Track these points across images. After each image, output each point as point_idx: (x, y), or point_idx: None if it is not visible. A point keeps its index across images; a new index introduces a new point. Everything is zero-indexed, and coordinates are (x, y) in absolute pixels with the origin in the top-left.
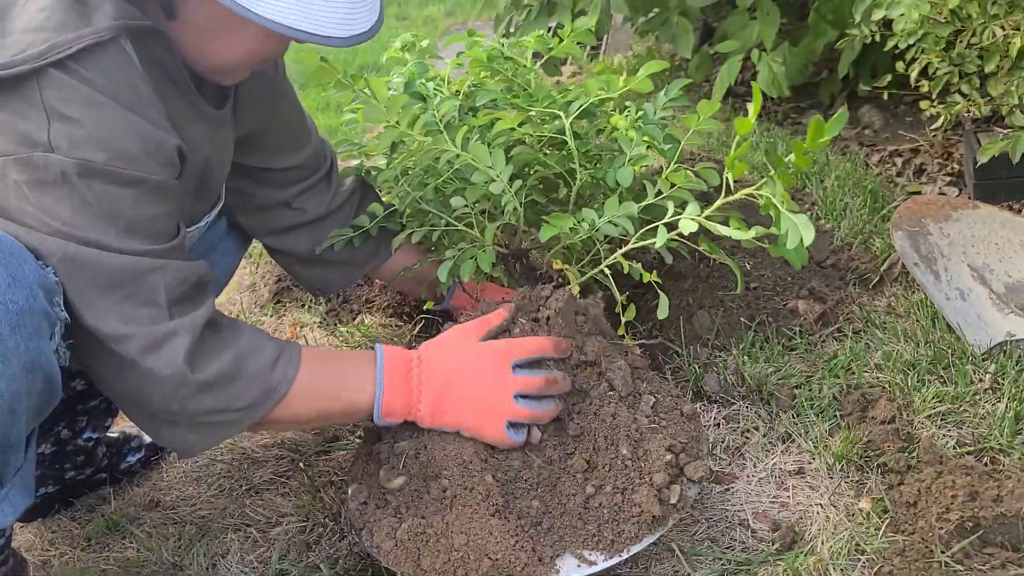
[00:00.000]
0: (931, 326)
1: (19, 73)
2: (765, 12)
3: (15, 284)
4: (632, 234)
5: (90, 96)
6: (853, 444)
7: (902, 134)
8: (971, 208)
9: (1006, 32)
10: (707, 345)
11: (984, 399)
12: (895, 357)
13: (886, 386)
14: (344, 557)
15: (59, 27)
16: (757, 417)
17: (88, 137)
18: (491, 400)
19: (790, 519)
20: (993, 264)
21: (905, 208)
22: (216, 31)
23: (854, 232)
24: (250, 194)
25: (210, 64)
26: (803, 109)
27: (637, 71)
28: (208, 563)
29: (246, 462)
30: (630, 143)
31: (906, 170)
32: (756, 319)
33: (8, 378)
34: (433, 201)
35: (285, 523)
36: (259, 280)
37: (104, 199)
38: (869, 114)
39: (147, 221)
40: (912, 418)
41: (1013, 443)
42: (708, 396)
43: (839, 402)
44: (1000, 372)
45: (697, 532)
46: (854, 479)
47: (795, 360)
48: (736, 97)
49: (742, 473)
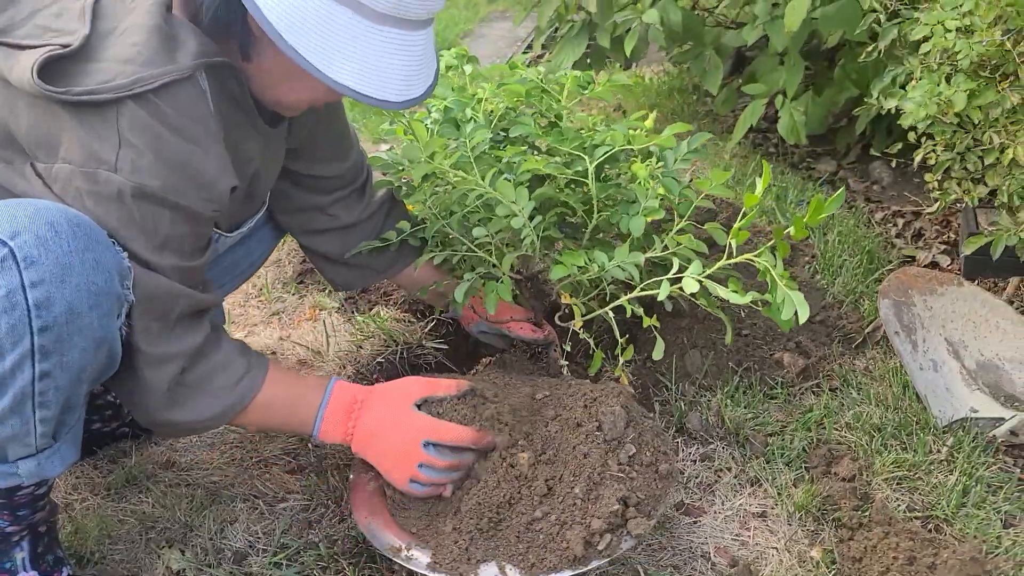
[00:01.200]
0: (901, 393)
1: (103, 100)
2: (792, 62)
3: (98, 267)
4: (637, 281)
5: (159, 130)
6: (814, 496)
7: (907, 195)
8: (956, 285)
9: (1002, 140)
10: (695, 384)
11: (938, 469)
12: (864, 419)
13: (852, 445)
14: (342, 539)
15: (146, 63)
16: (731, 459)
17: (149, 166)
18: (399, 461)
19: (747, 558)
20: (968, 341)
21: (895, 277)
22: (285, 78)
23: (846, 291)
24: (290, 196)
25: (275, 101)
26: (819, 155)
27: (666, 90)
28: (217, 528)
29: (258, 435)
30: (646, 193)
31: (905, 232)
32: (743, 365)
33: (80, 350)
34: (457, 227)
35: (291, 500)
36: (284, 257)
37: (148, 216)
38: (879, 169)
39: (180, 239)
40: (871, 479)
41: (957, 515)
42: (689, 433)
43: (807, 454)
44: (956, 446)
45: (663, 558)
46: (810, 528)
47: (773, 409)
48: (758, 132)
49: (710, 509)
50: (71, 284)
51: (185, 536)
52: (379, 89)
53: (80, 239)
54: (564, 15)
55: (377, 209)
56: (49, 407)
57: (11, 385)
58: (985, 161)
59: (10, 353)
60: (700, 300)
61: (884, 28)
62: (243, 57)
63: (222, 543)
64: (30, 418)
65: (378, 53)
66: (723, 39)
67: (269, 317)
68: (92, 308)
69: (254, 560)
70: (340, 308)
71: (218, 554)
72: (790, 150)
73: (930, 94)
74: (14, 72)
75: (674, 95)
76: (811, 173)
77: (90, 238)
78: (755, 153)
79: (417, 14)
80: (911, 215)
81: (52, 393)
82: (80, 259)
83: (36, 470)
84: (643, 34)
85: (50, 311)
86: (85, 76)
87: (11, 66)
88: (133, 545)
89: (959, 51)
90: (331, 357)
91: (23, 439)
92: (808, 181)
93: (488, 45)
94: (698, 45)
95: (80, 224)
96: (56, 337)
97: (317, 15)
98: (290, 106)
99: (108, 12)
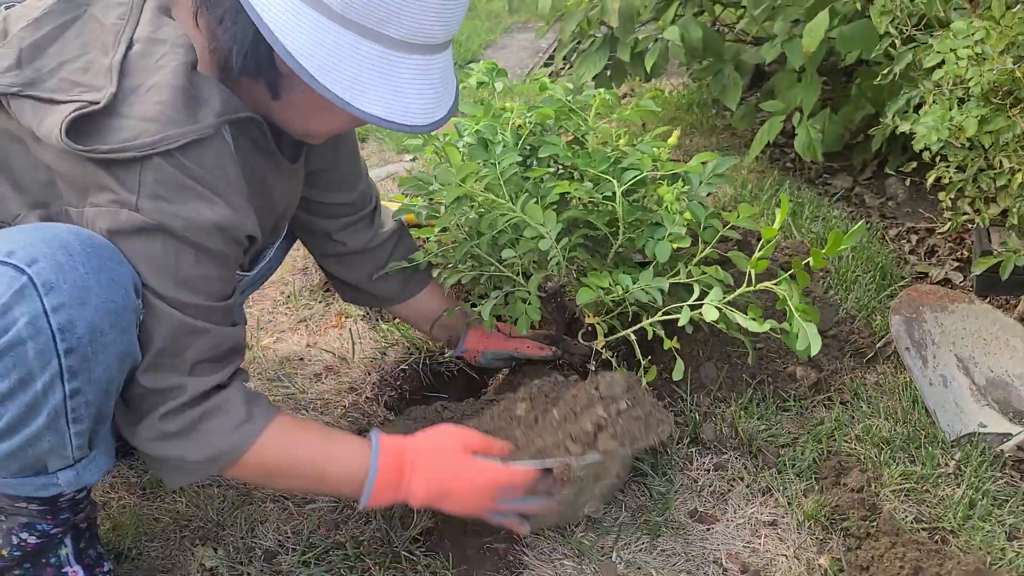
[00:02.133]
0: (911, 407)
1: (130, 157)
2: (809, 81)
3: (115, 285)
4: (660, 304)
5: (183, 182)
6: (823, 506)
7: (921, 212)
8: (967, 303)
9: (1012, 165)
10: (710, 395)
11: (945, 483)
12: (874, 432)
13: (861, 457)
14: (368, 540)
15: (169, 122)
16: (744, 469)
17: (172, 212)
18: (478, 510)
19: (758, 564)
20: (978, 357)
21: (906, 294)
22: (315, 111)
23: (859, 306)
24: (299, 221)
25: (304, 132)
26: (835, 171)
27: (685, 104)
28: (248, 527)
29: None
30: (673, 218)
31: (919, 249)
32: (757, 378)
33: (105, 366)
34: (486, 248)
35: (319, 501)
36: (312, 265)
37: (170, 253)
38: (895, 186)
39: (203, 280)
40: (879, 490)
41: (963, 527)
42: (704, 443)
43: (817, 465)
44: (964, 460)
45: (676, 563)
46: (819, 537)
47: (786, 421)
48: (776, 147)
49: (723, 517)
50: (91, 305)
51: (218, 535)
52: (405, 115)
53: (94, 259)
54: (586, 30)
55: (387, 239)
56: (82, 421)
57: (45, 405)
58: (997, 183)
59: (40, 376)
60: (720, 324)
61: (899, 52)
62: (273, 95)
63: (253, 542)
64: (65, 432)
65: (402, 80)
66: (742, 56)
67: (296, 324)
68: (112, 326)
69: (284, 559)
70: (365, 316)
71: (249, 552)
72: (807, 165)
73: (942, 119)
74: (43, 127)
75: (693, 109)
76: (827, 189)
77: (103, 257)
78: (772, 168)
79: (439, 39)
80: (925, 232)
81: (83, 408)
82: (97, 279)
83: (75, 479)
84: (663, 50)
85: (73, 333)
86: (111, 133)
87: (40, 121)
88: (168, 543)
89: (971, 78)
90: (356, 363)
91: (60, 452)
92: (824, 197)
93: (510, 56)
94: (718, 62)
95: (92, 244)
96: (82, 357)
97: (343, 50)
98: (317, 135)
99: (135, 69)
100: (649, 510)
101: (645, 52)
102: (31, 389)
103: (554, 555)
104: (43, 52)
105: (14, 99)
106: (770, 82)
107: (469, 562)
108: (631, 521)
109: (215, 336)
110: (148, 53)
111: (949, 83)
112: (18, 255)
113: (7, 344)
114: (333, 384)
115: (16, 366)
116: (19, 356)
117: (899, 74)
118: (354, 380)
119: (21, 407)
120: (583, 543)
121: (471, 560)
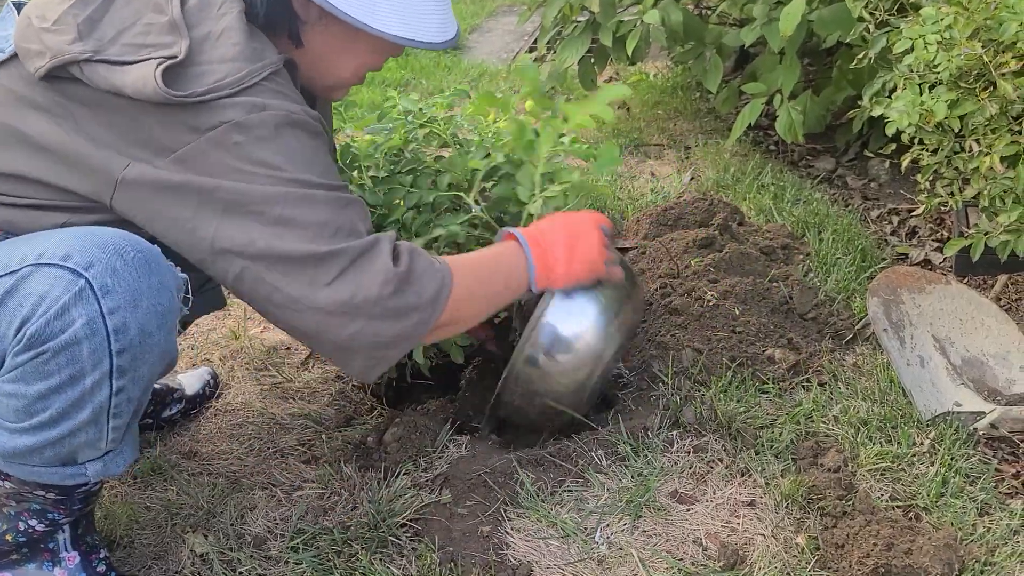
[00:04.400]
0: (888, 388)
1: (221, 96)
2: (789, 63)
3: (162, 289)
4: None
5: (278, 90)
6: (800, 486)
7: (903, 193)
8: (943, 284)
9: (981, 149)
10: (690, 378)
11: (920, 461)
12: (851, 412)
13: (838, 438)
14: (355, 525)
15: (248, 58)
16: (723, 451)
17: (280, 105)
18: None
19: (736, 543)
20: (955, 337)
21: (884, 276)
22: (336, 51)
23: (839, 288)
24: None
25: (325, 83)
26: (818, 152)
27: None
28: (238, 514)
29: (275, 427)
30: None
31: (900, 230)
32: (736, 360)
33: (150, 365)
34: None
35: (307, 488)
36: None
37: (306, 148)
38: (877, 167)
39: (332, 168)
40: (855, 470)
41: (936, 504)
42: (684, 426)
43: (795, 446)
44: (939, 438)
45: (657, 543)
46: (796, 517)
47: (765, 403)
48: (758, 129)
49: (702, 497)
50: (142, 308)
51: (208, 522)
52: (424, 33)
53: (145, 264)
54: (569, 15)
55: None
56: (121, 416)
57: (91, 401)
58: (969, 166)
59: (91, 374)
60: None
61: (874, 37)
62: (296, 44)
63: (243, 528)
64: (104, 427)
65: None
66: (724, 39)
67: None
68: (160, 327)
69: (273, 545)
70: None
71: (239, 539)
72: (790, 148)
73: (913, 104)
74: (128, 82)
75: (677, 92)
76: (810, 171)
77: (152, 261)
78: (755, 151)
79: None
80: (906, 213)
81: (125, 405)
82: (147, 283)
83: (102, 470)
84: (645, 34)
85: (126, 335)
86: (197, 79)
87: (121, 79)
88: (159, 530)
89: (940, 63)
90: None
91: (95, 444)
92: (807, 179)
93: (495, 40)
94: (699, 45)
95: (142, 249)
96: (131, 357)
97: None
98: (339, 84)
99: (198, 20)
100: (630, 492)
101: (627, 36)
102: (79, 385)
103: (538, 536)
104: (98, 24)
105: (86, 65)
106: (752, 64)
107: (455, 544)
108: (613, 502)
109: (362, 207)
110: (207, 4)
111: (920, 68)
112: (75, 259)
113: (63, 343)
114: (320, 372)
115: (69, 363)
116: (73, 355)
117: (875, 58)
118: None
119: (67, 402)
120: (567, 523)
121: (456, 542)
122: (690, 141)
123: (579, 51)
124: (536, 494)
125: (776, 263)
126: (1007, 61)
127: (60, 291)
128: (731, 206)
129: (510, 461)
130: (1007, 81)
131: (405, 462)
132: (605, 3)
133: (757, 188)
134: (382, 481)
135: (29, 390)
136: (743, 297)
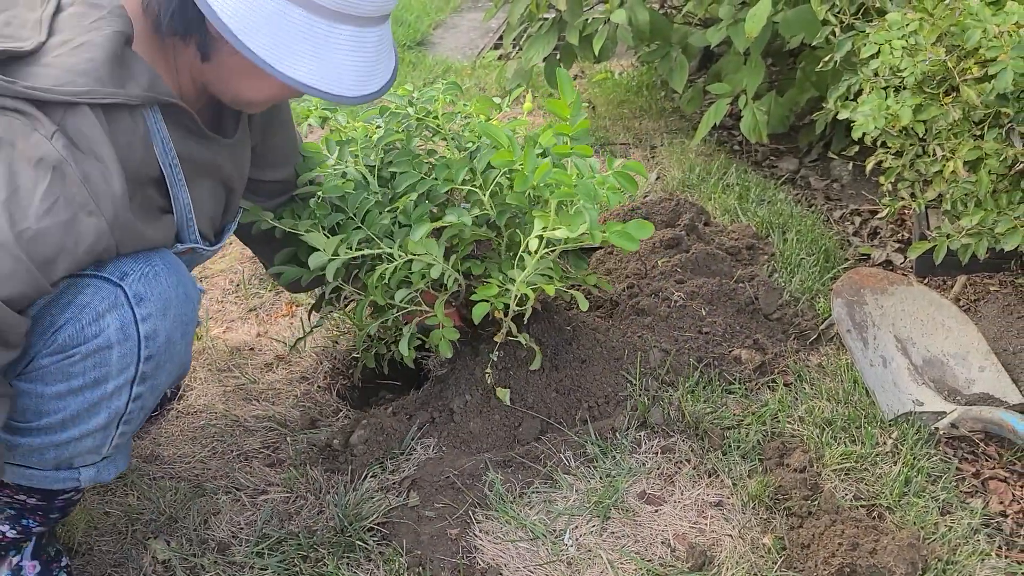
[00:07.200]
0: (852, 389)
1: (56, 101)
2: (754, 64)
3: (188, 300)
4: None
5: (101, 136)
6: (767, 487)
7: (864, 194)
8: (906, 285)
9: (944, 153)
10: (657, 379)
11: (883, 460)
12: (816, 413)
13: (804, 438)
14: (321, 530)
15: (99, 80)
16: (690, 451)
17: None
18: None
19: (704, 544)
20: (916, 338)
21: (848, 277)
22: (244, 76)
23: (803, 288)
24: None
25: (235, 98)
26: (781, 153)
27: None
28: (201, 519)
29: (238, 429)
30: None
31: (862, 230)
32: (703, 361)
33: (168, 373)
34: (382, 298)
35: (272, 492)
36: None
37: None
38: (839, 168)
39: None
40: (821, 470)
41: (899, 503)
42: (652, 427)
43: (761, 447)
44: (901, 438)
45: (626, 544)
46: (763, 517)
47: (731, 403)
48: (723, 129)
49: (670, 498)
50: (170, 316)
51: (170, 527)
52: (335, 85)
53: (173, 275)
54: (535, 13)
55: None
56: (131, 423)
57: (108, 407)
58: (931, 169)
59: (115, 378)
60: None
61: (839, 40)
62: (203, 57)
63: (206, 534)
64: (111, 433)
65: (332, 50)
66: (689, 39)
67: (246, 313)
68: (183, 336)
69: (237, 550)
70: (316, 304)
71: (202, 544)
72: (753, 148)
73: (879, 108)
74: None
75: (643, 91)
76: (773, 171)
77: (180, 273)
78: (719, 151)
79: (369, 11)
80: (868, 213)
81: (138, 412)
82: (175, 293)
83: (95, 476)
84: (612, 33)
85: (155, 342)
86: (36, 78)
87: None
88: (120, 536)
89: (905, 68)
90: (307, 352)
91: (98, 450)
92: (770, 179)
93: (460, 36)
94: (665, 44)
95: (170, 261)
96: (156, 364)
97: (271, 14)
98: (250, 103)
99: (66, 26)
100: (599, 493)
101: (594, 35)
102: (100, 389)
103: (507, 538)
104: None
105: None
106: (717, 64)
107: (423, 547)
108: (581, 504)
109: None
110: (83, 15)
111: (885, 73)
112: (108, 268)
113: (95, 347)
114: (284, 373)
115: (96, 367)
116: (102, 359)
117: (839, 61)
118: (306, 369)
119: (84, 404)
120: (536, 526)
121: (425, 545)
122: (656, 140)
123: (545, 49)
124: (505, 496)
125: (742, 263)
126: (970, 67)
127: (97, 299)
128: (697, 206)
129: (479, 463)
130: (970, 87)
131: (372, 464)
132: (572, 1)
133: (722, 188)
134: (348, 484)
135: (47, 390)
136: (709, 297)
